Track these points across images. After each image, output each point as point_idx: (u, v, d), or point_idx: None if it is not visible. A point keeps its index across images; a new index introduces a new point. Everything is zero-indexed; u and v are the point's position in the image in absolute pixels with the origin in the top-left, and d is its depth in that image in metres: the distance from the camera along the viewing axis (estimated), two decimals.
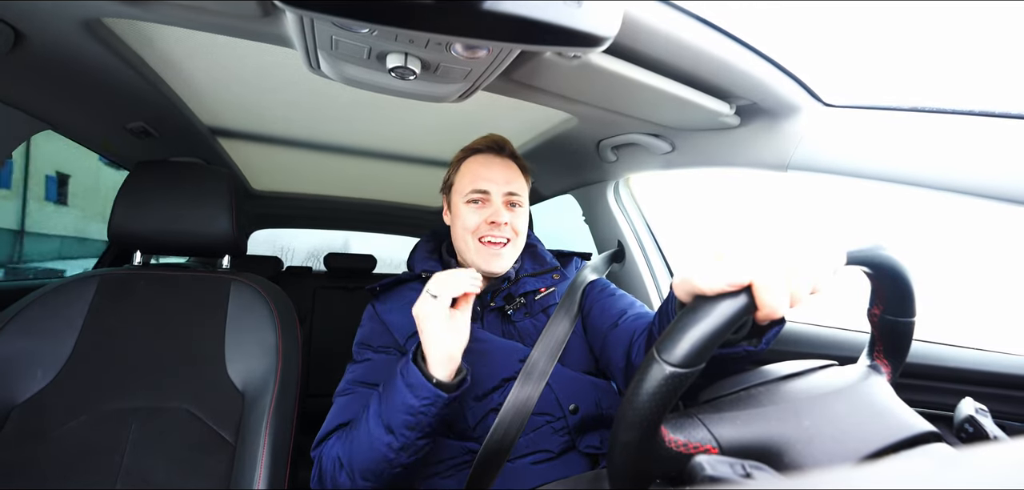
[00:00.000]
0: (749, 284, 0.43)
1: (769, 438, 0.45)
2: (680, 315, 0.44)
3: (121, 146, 1.33)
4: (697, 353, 0.41)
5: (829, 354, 1.06)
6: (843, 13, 2.15)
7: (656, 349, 0.43)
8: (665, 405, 0.41)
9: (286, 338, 1.02)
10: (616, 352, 0.86)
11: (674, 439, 0.44)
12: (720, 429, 0.46)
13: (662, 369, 0.41)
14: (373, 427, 0.73)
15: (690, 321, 0.42)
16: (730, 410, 0.48)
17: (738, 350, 0.59)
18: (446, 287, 0.73)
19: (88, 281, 1.00)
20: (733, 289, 0.43)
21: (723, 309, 0.42)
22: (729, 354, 0.60)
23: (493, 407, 0.85)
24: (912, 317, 0.54)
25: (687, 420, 0.46)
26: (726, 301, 0.43)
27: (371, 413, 0.74)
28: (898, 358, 0.57)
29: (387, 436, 0.71)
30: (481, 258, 0.92)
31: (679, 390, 0.41)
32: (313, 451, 0.82)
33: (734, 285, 0.43)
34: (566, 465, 0.84)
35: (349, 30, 0.59)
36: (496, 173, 0.94)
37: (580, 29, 0.54)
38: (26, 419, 0.86)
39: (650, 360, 0.42)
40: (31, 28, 0.75)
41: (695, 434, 0.45)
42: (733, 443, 0.45)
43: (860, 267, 0.51)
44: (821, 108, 0.84)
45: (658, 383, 0.41)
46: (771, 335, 0.58)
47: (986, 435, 0.49)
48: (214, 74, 1.02)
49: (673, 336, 0.42)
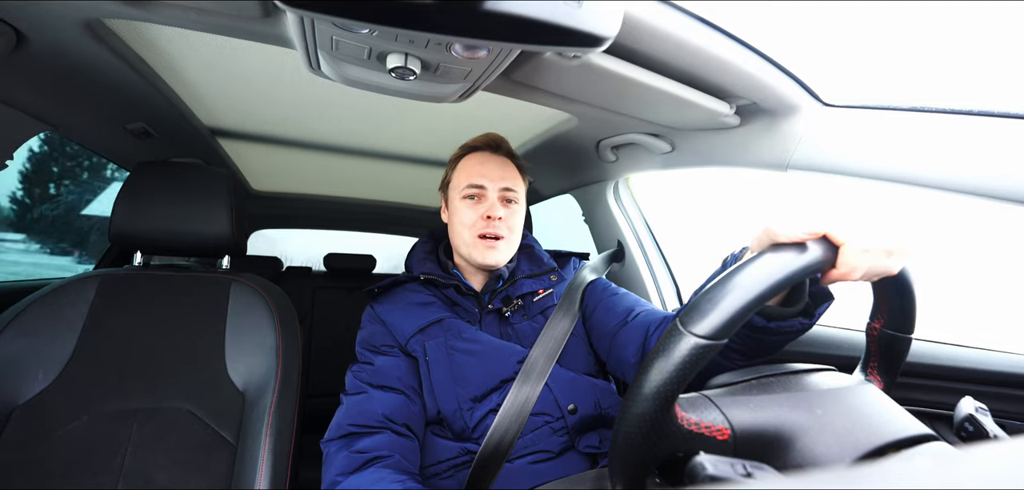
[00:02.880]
0: (824, 235, 0.46)
1: (781, 424, 0.45)
2: (708, 286, 0.45)
3: (121, 147, 1.33)
4: (728, 323, 0.42)
5: (829, 355, 1.06)
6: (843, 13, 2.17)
7: (680, 320, 0.43)
8: (685, 378, 0.42)
9: (286, 338, 1.02)
10: (627, 350, 0.86)
11: (687, 418, 0.44)
12: (733, 412, 0.45)
13: (686, 340, 0.42)
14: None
15: (722, 290, 0.43)
16: (743, 395, 0.48)
17: (793, 324, 0.61)
18: None
19: (89, 281, 1.00)
20: (812, 238, 0.46)
21: (786, 261, 0.44)
22: (786, 329, 0.61)
23: (492, 408, 0.85)
24: (911, 334, 0.55)
25: (701, 401, 0.47)
26: (790, 253, 0.45)
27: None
28: (891, 374, 0.57)
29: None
30: (477, 251, 0.93)
31: (700, 363, 0.42)
32: (324, 443, 0.83)
33: (813, 234, 0.46)
34: (565, 465, 0.84)
35: (349, 30, 0.59)
36: (492, 170, 0.95)
37: (580, 29, 0.54)
38: (28, 420, 0.86)
39: (673, 331, 0.43)
40: (32, 29, 0.75)
41: (708, 415, 0.45)
42: (746, 427, 0.45)
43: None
44: (821, 108, 0.84)
45: (681, 355, 0.41)
46: (821, 312, 0.61)
47: (986, 434, 0.49)
48: (214, 75, 1.02)
49: (701, 306, 0.43)
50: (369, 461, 0.77)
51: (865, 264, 0.47)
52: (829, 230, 0.46)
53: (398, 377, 0.88)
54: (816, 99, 0.83)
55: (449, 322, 0.92)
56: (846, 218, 0.46)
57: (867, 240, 0.46)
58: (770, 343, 0.63)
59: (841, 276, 0.47)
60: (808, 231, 0.46)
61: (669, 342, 0.42)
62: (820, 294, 0.63)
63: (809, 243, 0.46)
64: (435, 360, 0.88)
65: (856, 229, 0.46)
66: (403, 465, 0.78)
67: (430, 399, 0.88)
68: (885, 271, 0.49)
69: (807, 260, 0.45)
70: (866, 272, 0.48)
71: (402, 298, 0.97)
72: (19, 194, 5.26)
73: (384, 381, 0.87)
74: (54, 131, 1.13)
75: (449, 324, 0.92)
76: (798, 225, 0.46)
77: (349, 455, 0.78)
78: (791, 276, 0.44)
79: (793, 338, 0.63)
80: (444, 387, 0.87)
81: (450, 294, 0.97)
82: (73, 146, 1.43)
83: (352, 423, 0.82)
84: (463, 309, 0.97)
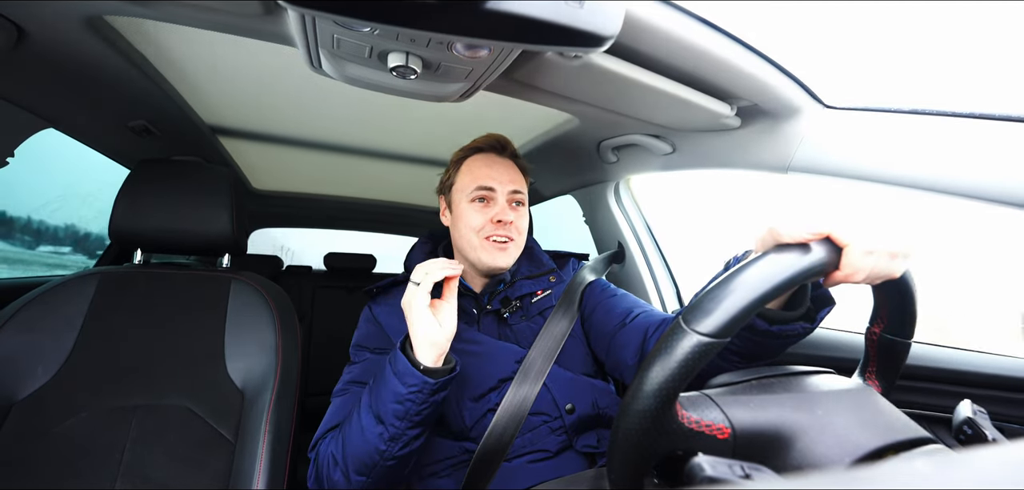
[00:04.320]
0: (827, 236, 0.46)
1: (782, 424, 0.46)
2: (711, 285, 0.45)
3: (122, 144, 1.33)
4: (731, 321, 0.42)
5: (828, 357, 1.06)
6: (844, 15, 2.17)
7: (683, 319, 0.43)
8: (687, 376, 0.42)
9: (286, 337, 1.02)
10: (626, 351, 0.86)
11: (688, 416, 0.44)
12: (734, 411, 0.45)
13: (689, 338, 0.42)
14: (364, 419, 0.73)
15: (724, 289, 0.43)
16: (744, 395, 0.48)
17: (796, 328, 0.60)
18: (427, 274, 0.75)
19: (88, 279, 1.00)
20: (816, 239, 0.45)
21: (789, 261, 0.44)
22: (788, 332, 0.61)
23: (490, 407, 0.85)
24: (910, 339, 0.55)
25: (701, 399, 0.47)
26: (794, 254, 0.45)
27: (363, 405, 0.75)
28: (889, 379, 0.57)
29: (378, 426, 0.72)
30: (487, 254, 0.92)
31: (702, 361, 0.42)
32: (310, 451, 0.82)
33: (817, 234, 0.45)
34: (563, 464, 0.84)
35: (351, 29, 0.59)
36: (500, 172, 0.94)
37: (582, 29, 0.54)
38: (26, 416, 0.86)
39: (676, 329, 0.43)
40: (33, 25, 0.75)
41: (709, 413, 0.45)
42: (746, 426, 0.45)
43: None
44: (822, 110, 0.84)
45: (684, 353, 0.41)
46: (822, 315, 0.60)
47: (984, 437, 0.49)
48: (216, 72, 1.02)
49: (703, 304, 0.43)
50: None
51: (868, 266, 0.46)
52: (833, 231, 0.46)
53: None
54: (817, 101, 0.83)
55: None
56: (850, 220, 0.46)
57: (871, 242, 0.46)
58: (771, 346, 0.63)
59: (844, 278, 0.47)
60: (812, 232, 0.46)
61: (672, 339, 0.43)
62: (821, 298, 0.63)
63: (813, 244, 0.46)
64: None
65: (860, 231, 0.46)
66: None
67: None
68: (888, 274, 0.49)
69: (811, 261, 0.45)
70: (869, 274, 0.48)
71: (399, 298, 0.96)
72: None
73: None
74: (55, 128, 1.13)
75: None
76: (802, 226, 0.46)
77: (330, 440, 0.81)
78: (795, 277, 0.44)
79: (794, 342, 0.63)
80: None
81: None
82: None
83: (336, 424, 0.83)
84: (462, 310, 0.96)
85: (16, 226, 2.68)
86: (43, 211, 2.72)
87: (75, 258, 2.92)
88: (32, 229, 2.74)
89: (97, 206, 2.55)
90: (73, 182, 2.67)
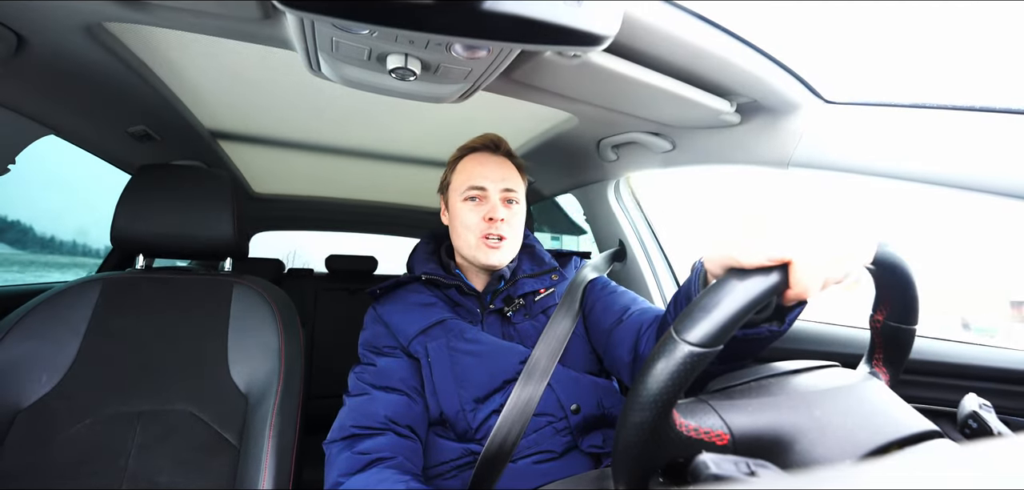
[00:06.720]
0: (787, 261, 0.43)
1: (781, 427, 0.45)
2: (702, 293, 0.43)
3: (123, 150, 1.33)
4: (721, 331, 0.41)
5: (828, 352, 1.06)
6: (843, 10, 2.13)
7: (674, 329, 0.42)
8: (681, 385, 0.41)
9: (289, 340, 1.02)
10: (622, 348, 0.86)
11: (685, 424, 0.44)
12: (732, 416, 0.45)
13: (680, 348, 0.41)
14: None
15: (714, 298, 0.42)
16: (741, 399, 0.48)
17: (762, 331, 0.59)
18: None
19: (91, 285, 1.00)
20: (773, 264, 0.43)
21: (753, 285, 0.42)
22: (753, 335, 0.59)
23: (495, 409, 0.85)
24: (914, 325, 0.54)
25: (699, 406, 0.46)
26: (758, 277, 0.42)
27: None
28: (896, 366, 0.57)
29: None
30: (481, 253, 0.93)
31: (696, 370, 0.41)
32: (326, 445, 0.82)
33: (774, 260, 0.43)
34: (569, 465, 0.84)
35: (349, 32, 0.59)
36: (492, 170, 0.95)
37: (580, 28, 0.54)
38: (31, 423, 0.86)
39: (667, 339, 0.42)
40: (33, 33, 0.75)
41: (707, 420, 0.44)
42: (745, 430, 0.44)
43: (874, 268, 0.51)
44: (822, 105, 0.84)
45: (676, 363, 0.41)
46: (793, 316, 0.57)
47: (990, 431, 0.49)
48: (215, 77, 1.02)
49: (694, 314, 0.42)
50: (372, 462, 0.77)
51: (819, 279, 0.44)
52: (774, 253, 0.43)
53: (400, 378, 0.88)
54: (817, 96, 0.83)
55: (451, 323, 0.92)
56: (790, 233, 0.43)
57: (813, 255, 0.43)
58: (741, 351, 0.62)
59: (797, 296, 0.44)
60: (768, 257, 0.43)
61: (664, 350, 0.42)
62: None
63: (759, 272, 0.43)
64: (437, 361, 0.89)
65: (801, 246, 0.43)
66: (406, 466, 0.78)
67: (433, 400, 0.88)
68: (844, 276, 0.47)
69: (760, 288, 0.42)
70: (824, 284, 0.45)
71: (404, 299, 0.97)
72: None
73: (386, 382, 0.87)
74: (55, 135, 1.13)
75: (451, 325, 0.92)
76: (757, 251, 0.43)
77: (351, 456, 0.78)
78: (748, 305, 0.42)
79: (763, 346, 0.61)
80: (446, 388, 0.87)
81: (452, 295, 0.97)
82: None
83: (355, 424, 0.82)
84: (465, 310, 0.97)
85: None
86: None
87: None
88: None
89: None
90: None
